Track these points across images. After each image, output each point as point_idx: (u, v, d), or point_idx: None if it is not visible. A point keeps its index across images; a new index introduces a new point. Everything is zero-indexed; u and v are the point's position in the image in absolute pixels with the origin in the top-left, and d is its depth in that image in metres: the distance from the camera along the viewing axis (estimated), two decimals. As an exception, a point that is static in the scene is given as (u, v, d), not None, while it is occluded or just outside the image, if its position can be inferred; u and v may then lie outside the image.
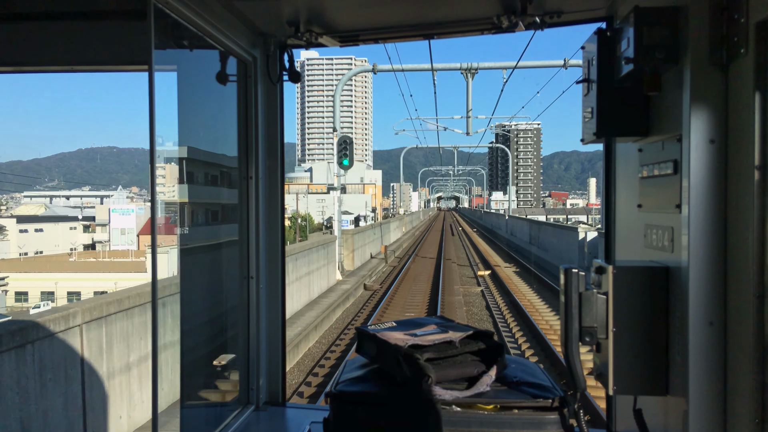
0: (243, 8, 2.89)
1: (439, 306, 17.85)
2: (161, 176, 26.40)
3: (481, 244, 49.24)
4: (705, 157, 1.75)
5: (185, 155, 3.03)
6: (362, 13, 3.02)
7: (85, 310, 6.42)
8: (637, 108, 2.14)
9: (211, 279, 3.41)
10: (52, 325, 5.83)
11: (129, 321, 7.40)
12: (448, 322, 2.64)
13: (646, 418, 2.07)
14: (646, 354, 1.95)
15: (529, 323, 15.61)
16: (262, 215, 3.36)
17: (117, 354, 7.09)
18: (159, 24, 2.36)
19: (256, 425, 3.20)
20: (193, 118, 3.04)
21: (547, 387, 2.28)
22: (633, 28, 1.88)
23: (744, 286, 1.65)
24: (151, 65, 2.27)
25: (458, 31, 3.09)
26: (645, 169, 2.13)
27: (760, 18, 1.57)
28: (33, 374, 5.38)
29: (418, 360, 2.23)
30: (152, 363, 2.46)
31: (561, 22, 2.83)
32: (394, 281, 24.03)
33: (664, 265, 1.96)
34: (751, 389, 1.61)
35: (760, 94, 1.59)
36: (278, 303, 3.44)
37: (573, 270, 2.01)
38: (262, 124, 3.35)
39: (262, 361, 3.37)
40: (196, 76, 3.08)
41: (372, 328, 2.57)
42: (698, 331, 1.75)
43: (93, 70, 3.42)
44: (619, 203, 2.52)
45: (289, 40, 3.24)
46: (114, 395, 6.97)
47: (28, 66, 3.44)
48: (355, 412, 2.29)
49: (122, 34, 3.13)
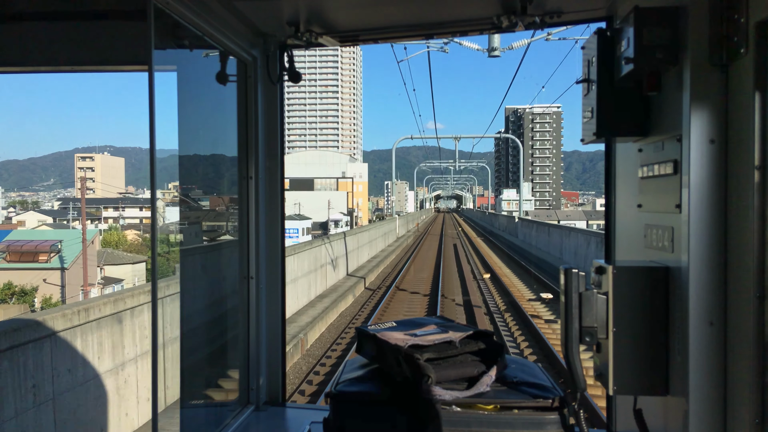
0: (243, 8, 2.89)
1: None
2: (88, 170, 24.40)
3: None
4: (705, 157, 1.76)
5: (185, 154, 3.03)
6: (362, 13, 3.02)
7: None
8: (637, 108, 2.14)
9: (211, 279, 3.41)
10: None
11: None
12: (448, 322, 2.64)
13: (646, 418, 2.07)
14: (646, 354, 1.95)
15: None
16: (262, 215, 3.36)
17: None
18: (159, 24, 2.36)
19: (256, 425, 3.20)
20: (193, 118, 3.04)
21: (547, 387, 2.28)
22: (633, 28, 1.88)
23: (744, 286, 1.65)
24: (151, 65, 2.27)
25: (458, 31, 3.09)
26: (645, 169, 2.13)
27: (760, 18, 1.57)
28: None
29: (418, 360, 2.23)
30: (152, 363, 2.46)
31: (561, 22, 2.84)
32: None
33: (664, 265, 1.96)
34: (751, 389, 1.61)
35: (760, 94, 1.59)
36: (278, 303, 3.44)
37: (573, 270, 2.02)
38: (262, 124, 3.35)
39: (262, 361, 3.37)
40: (196, 76, 3.08)
41: (372, 328, 2.56)
42: (698, 331, 1.75)
43: (93, 70, 3.42)
44: (619, 203, 2.52)
45: (289, 40, 3.24)
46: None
47: (28, 66, 3.44)
48: (355, 412, 2.29)
49: (122, 34, 3.13)
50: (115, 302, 6.87)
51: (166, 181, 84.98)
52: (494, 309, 16.61)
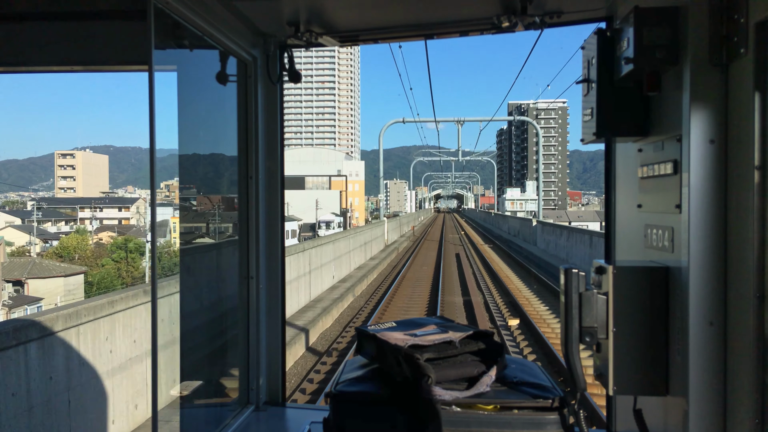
0: (243, 8, 2.89)
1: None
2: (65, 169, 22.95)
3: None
4: (705, 157, 1.75)
5: (185, 154, 3.03)
6: (362, 13, 3.02)
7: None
8: (637, 108, 2.14)
9: (211, 279, 3.42)
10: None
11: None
12: (448, 322, 2.64)
13: (646, 418, 2.07)
14: (646, 354, 1.95)
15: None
16: (262, 215, 3.36)
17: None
18: (159, 24, 2.36)
19: (256, 425, 3.20)
20: (193, 118, 3.04)
21: (547, 387, 2.28)
22: (633, 28, 1.88)
23: (744, 286, 1.65)
24: (151, 65, 2.27)
25: (458, 31, 3.09)
26: (645, 169, 2.13)
27: (760, 18, 1.57)
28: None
29: (418, 360, 2.23)
30: (152, 363, 2.46)
31: (561, 22, 2.83)
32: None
33: (664, 265, 1.96)
34: (751, 389, 1.61)
35: (760, 94, 1.59)
36: (278, 303, 3.44)
37: (573, 270, 2.02)
38: (262, 124, 3.35)
39: (262, 361, 3.37)
40: (196, 76, 3.08)
41: (372, 328, 2.56)
42: (698, 331, 1.75)
43: (93, 70, 3.42)
44: (619, 203, 2.52)
45: (289, 40, 3.24)
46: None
47: (28, 66, 3.44)
48: (355, 412, 2.29)
49: (122, 34, 3.13)
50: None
51: (160, 180, 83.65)
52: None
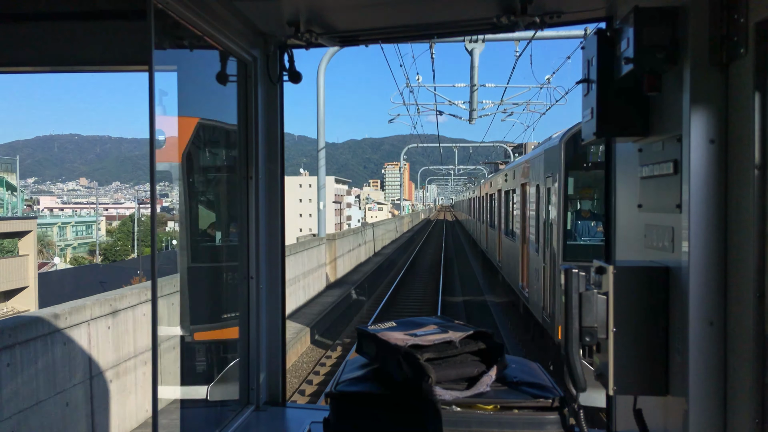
0: (243, 8, 2.89)
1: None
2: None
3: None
4: (705, 157, 1.75)
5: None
6: (362, 13, 3.02)
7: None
8: (637, 108, 2.14)
9: (211, 279, 3.41)
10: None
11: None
12: (448, 322, 2.64)
13: (646, 418, 2.07)
14: (646, 354, 1.95)
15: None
16: (262, 215, 3.36)
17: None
18: (159, 24, 2.36)
19: (256, 425, 3.20)
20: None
21: (547, 387, 2.28)
22: (633, 28, 1.88)
23: (744, 285, 1.65)
24: (151, 65, 2.27)
25: (458, 32, 3.10)
26: (645, 169, 2.13)
27: (760, 18, 1.57)
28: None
29: (418, 360, 2.23)
30: (152, 363, 2.46)
31: (561, 22, 2.83)
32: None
33: (664, 265, 1.95)
34: (751, 389, 1.61)
35: (760, 94, 1.59)
36: (278, 303, 3.43)
37: (573, 270, 2.01)
38: (262, 124, 3.35)
39: (262, 361, 3.37)
40: (196, 76, 3.08)
41: (372, 328, 2.56)
42: (698, 331, 1.75)
43: (93, 70, 3.43)
44: (619, 203, 2.52)
45: (289, 40, 3.24)
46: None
47: (28, 66, 3.44)
48: (355, 412, 2.29)
49: (122, 34, 3.13)
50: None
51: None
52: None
